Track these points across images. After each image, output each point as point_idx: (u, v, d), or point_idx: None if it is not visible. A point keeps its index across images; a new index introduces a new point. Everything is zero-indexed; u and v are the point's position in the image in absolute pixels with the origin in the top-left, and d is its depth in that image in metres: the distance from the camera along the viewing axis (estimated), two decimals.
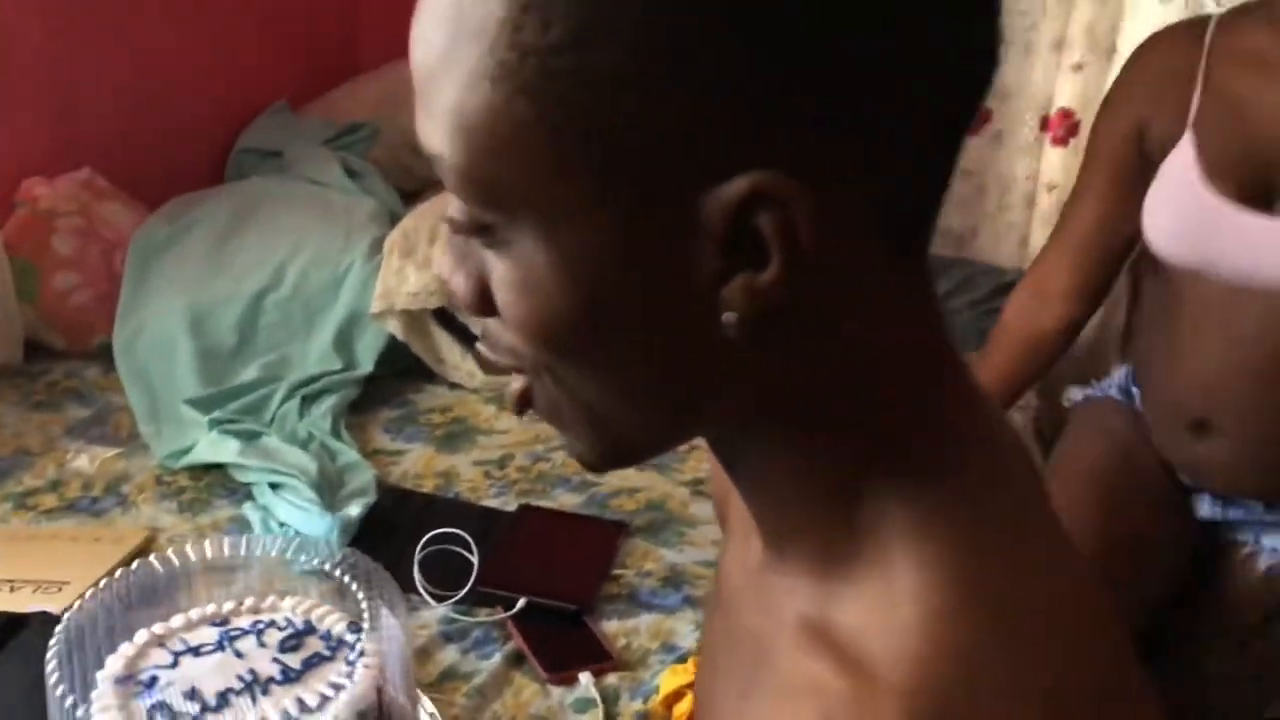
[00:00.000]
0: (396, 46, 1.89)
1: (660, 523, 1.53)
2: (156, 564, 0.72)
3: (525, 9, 0.36)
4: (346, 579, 0.69)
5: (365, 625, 0.65)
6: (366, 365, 1.82)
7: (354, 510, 1.44)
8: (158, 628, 0.68)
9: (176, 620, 0.68)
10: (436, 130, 0.40)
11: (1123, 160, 1.24)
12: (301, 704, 0.61)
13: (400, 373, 1.86)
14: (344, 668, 0.63)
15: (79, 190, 1.91)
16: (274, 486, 1.50)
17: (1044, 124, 2.32)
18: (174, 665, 0.64)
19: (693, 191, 0.38)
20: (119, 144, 2.06)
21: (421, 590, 1.32)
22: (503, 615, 1.31)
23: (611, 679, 1.23)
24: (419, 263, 1.81)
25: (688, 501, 1.57)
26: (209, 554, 0.73)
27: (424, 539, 1.35)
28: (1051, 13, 2.21)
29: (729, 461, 0.48)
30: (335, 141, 2.32)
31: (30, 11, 1.86)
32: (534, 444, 1.72)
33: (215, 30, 2.31)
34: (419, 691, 0.74)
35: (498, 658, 1.25)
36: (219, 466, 1.57)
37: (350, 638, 0.66)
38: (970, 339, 2.11)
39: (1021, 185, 2.40)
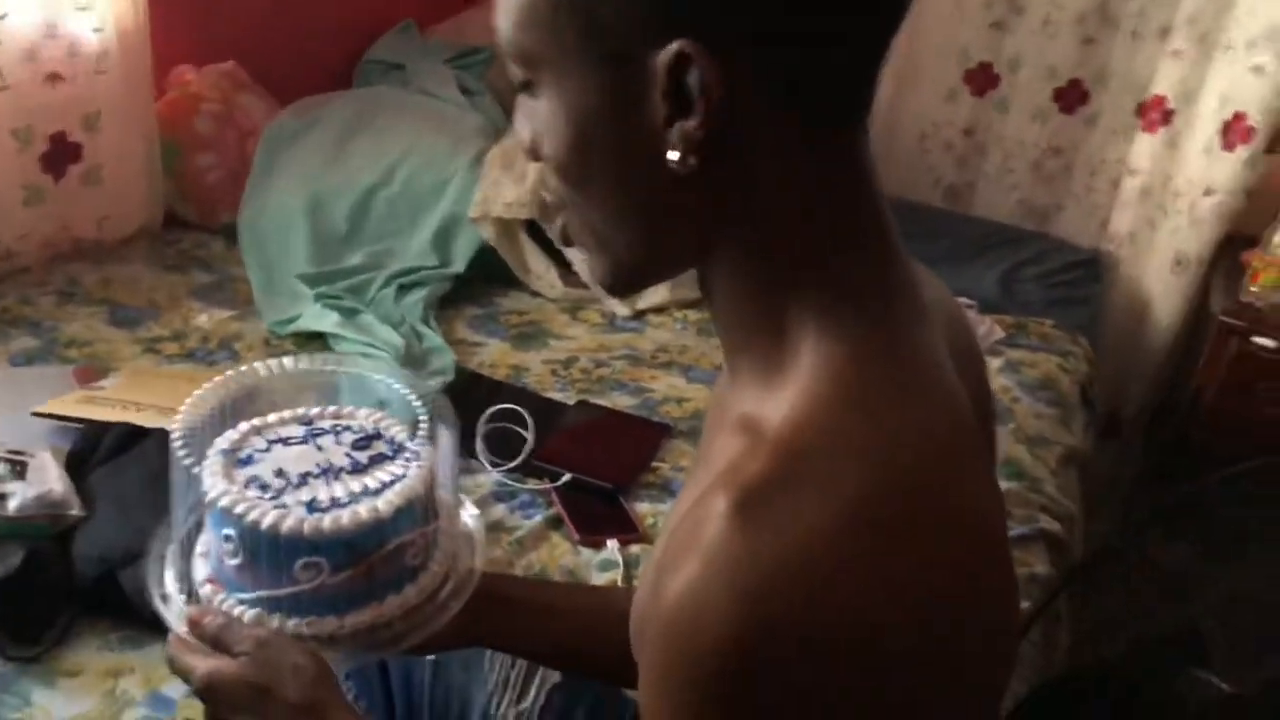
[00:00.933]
0: None
1: (700, 429, 1.66)
2: (260, 369, 0.81)
3: None
4: (413, 398, 0.79)
5: (423, 435, 0.76)
6: (459, 265, 1.99)
7: (432, 383, 1.61)
8: (257, 421, 0.79)
9: (272, 416, 0.80)
10: (500, 12, 0.57)
11: None
12: (365, 488, 0.72)
13: (488, 275, 2.02)
14: (401, 465, 0.75)
15: (222, 79, 2.11)
16: (365, 357, 1.67)
17: (1139, 110, 2.34)
18: (267, 450, 0.76)
19: (644, 55, 0.52)
20: (262, 42, 2.25)
21: (481, 456, 1.49)
22: (548, 485, 1.47)
23: (634, 549, 1.37)
24: (516, 176, 1.97)
25: None
26: (306, 365, 0.82)
27: (489, 412, 1.51)
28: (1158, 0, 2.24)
29: (707, 297, 0.61)
30: (455, 61, 2.48)
31: None
32: (598, 351, 1.87)
33: None
34: (463, 496, 0.87)
35: (539, 519, 1.41)
36: (319, 335, 1.76)
37: (410, 444, 0.76)
38: (1035, 307, 2.19)
39: (1111, 168, 2.44)
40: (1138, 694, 0.89)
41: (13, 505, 1.21)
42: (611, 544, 1.37)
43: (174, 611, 0.74)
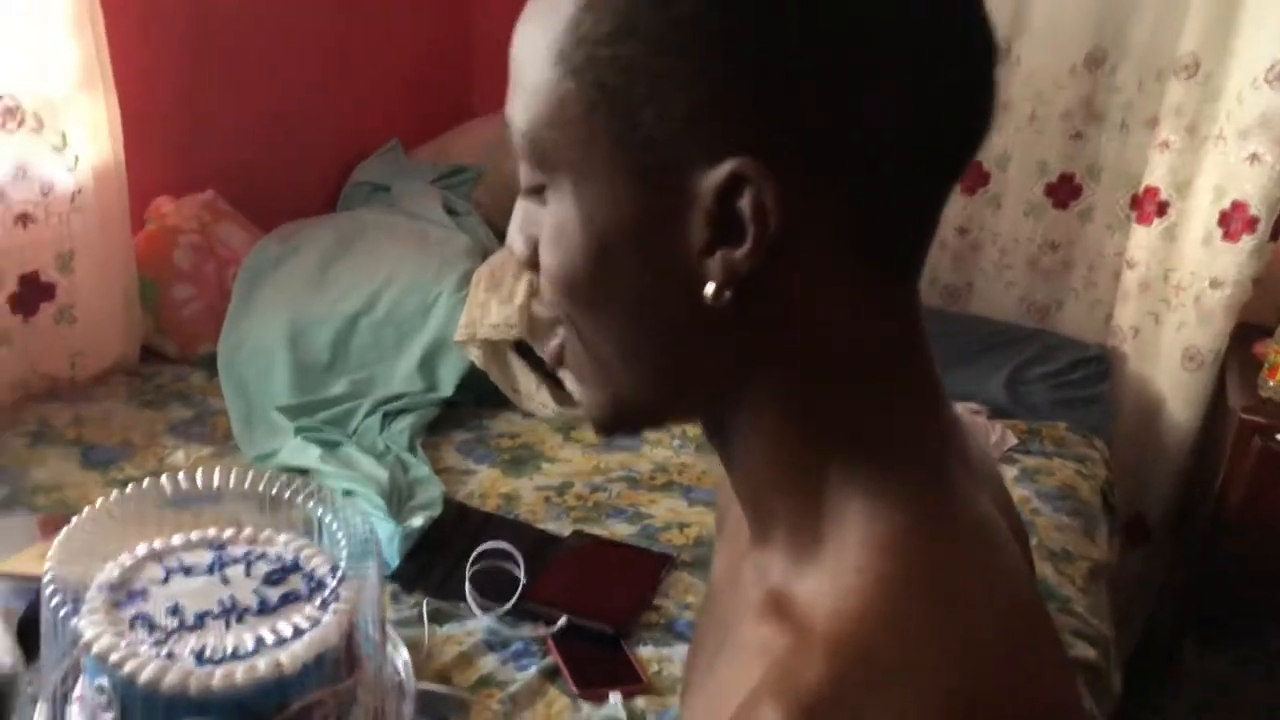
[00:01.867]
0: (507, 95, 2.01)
1: (706, 559, 1.57)
2: (166, 484, 0.73)
3: (586, 7, 0.45)
4: (334, 526, 0.71)
5: (344, 571, 0.68)
6: (447, 389, 1.92)
7: (417, 521, 1.53)
8: (158, 543, 0.71)
9: (177, 539, 0.71)
10: (516, 104, 0.49)
11: None
12: (269, 637, 0.64)
13: (477, 398, 1.95)
14: (314, 613, 0.66)
15: (201, 210, 2.07)
16: (348, 493, 1.59)
17: (1133, 202, 2.31)
18: (165, 581, 0.68)
19: (689, 170, 0.45)
20: (242, 170, 2.22)
21: (470, 600, 1.39)
22: (544, 631, 1.37)
23: (640, 701, 1.27)
24: (503, 297, 1.91)
25: None
26: (222, 482, 0.75)
27: (477, 551, 1.43)
28: (1147, 90, 2.22)
29: (721, 445, 0.54)
30: (441, 181, 2.46)
31: (171, 48, 2.04)
32: (593, 474, 1.79)
33: (338, 72, 2.49)
34: (392, 633, 0.78)
35: (534, 670, 1.30)
36: (301, 471, 1.68)
37: (330, 581, 0.68)
38: (1043, 409, 2.12)
39: (1110, 261, 2.40)
40: None
41: None
42: (615, 697, 1.26)
43: None
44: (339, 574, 0.66)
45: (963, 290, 2.57)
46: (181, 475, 0.73)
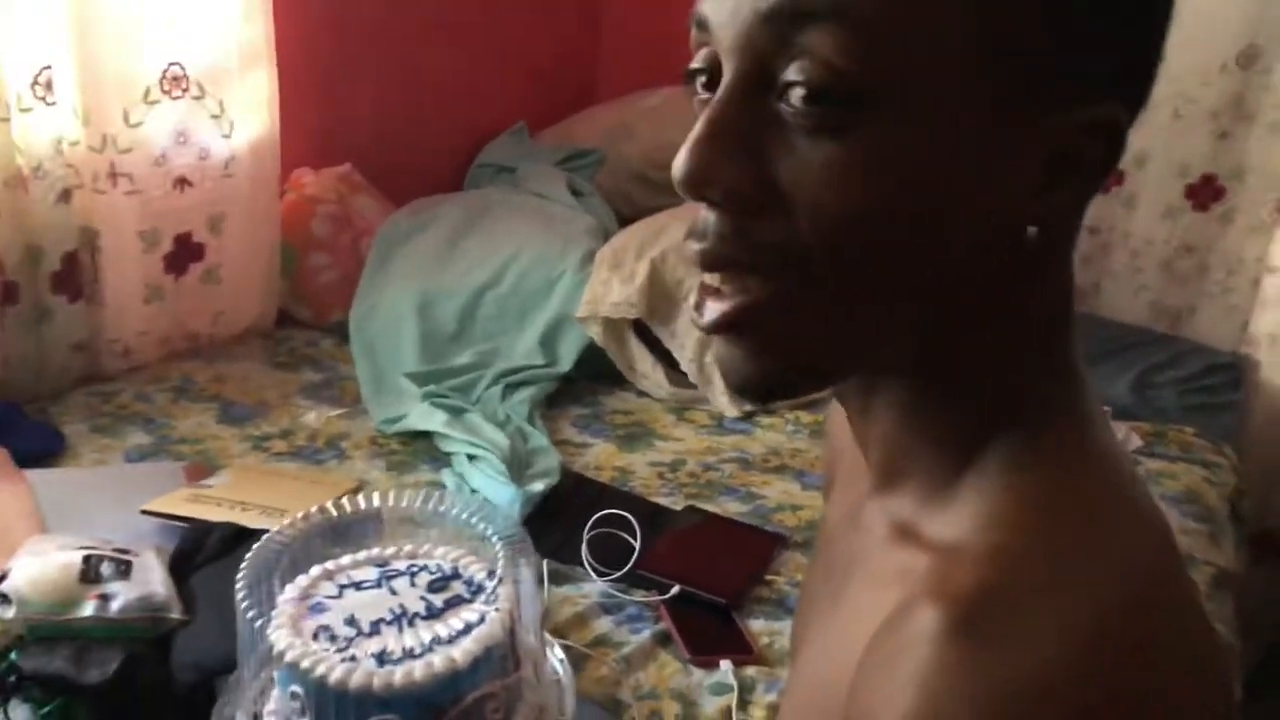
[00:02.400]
0: (631, 80, 2.08)
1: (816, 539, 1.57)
2: (336, 510, 0.78)
3: None
4: (492, 536, 0.75)
5: (500, 575, 0.72)
6: (566, 364, 1.96)
7: (538, 486, 1.57)
8: (330, 564, 0.75)
9: (345, 559, 0.76)
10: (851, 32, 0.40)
11: None
12: (439, 636, 0.68)
13: (594, 375, 1.99)
14: (479, 609, 0.70)
15: (338, 182, 2.15)
16: (471, 458, 1.64)
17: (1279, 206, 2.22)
18: (339, 596, 0.72)
19: (1054, 106, 0.42)
20: (377, 146, 2.30)
21: (586, 564, 1.42)
22: (657, 598, 1.39)
23: (750, 671, 1.28)
24: (624, 276, 1.94)
25: None
26: (389, 503, 0.79)
27: (594, 518, 1.46)
28: None
29: (864, 400, 0.52)
30: (565, 163, 2.50)
31: (319, 30, 2.12)
32: (706, 454, 1.81)
33: (468, 56, 2.56)
34: (550, 637, 0.81)
35: (647, 634, 1.33)
36: (426, 435, 1.74)
37: (489, 584, 0.72)
38: (1171, 414, 2.05)
39: (1250, 267, 2.30)
40: None
41: (115, 606, 1.19)
42: (725, 665, 1.28)
43: None
44: (496, 576, 0.71)
45: (1090, 291, 2.50)
46: (345, 500, 0.78)
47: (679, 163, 0.45)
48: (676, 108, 2.67)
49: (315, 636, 0.68)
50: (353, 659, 0.65)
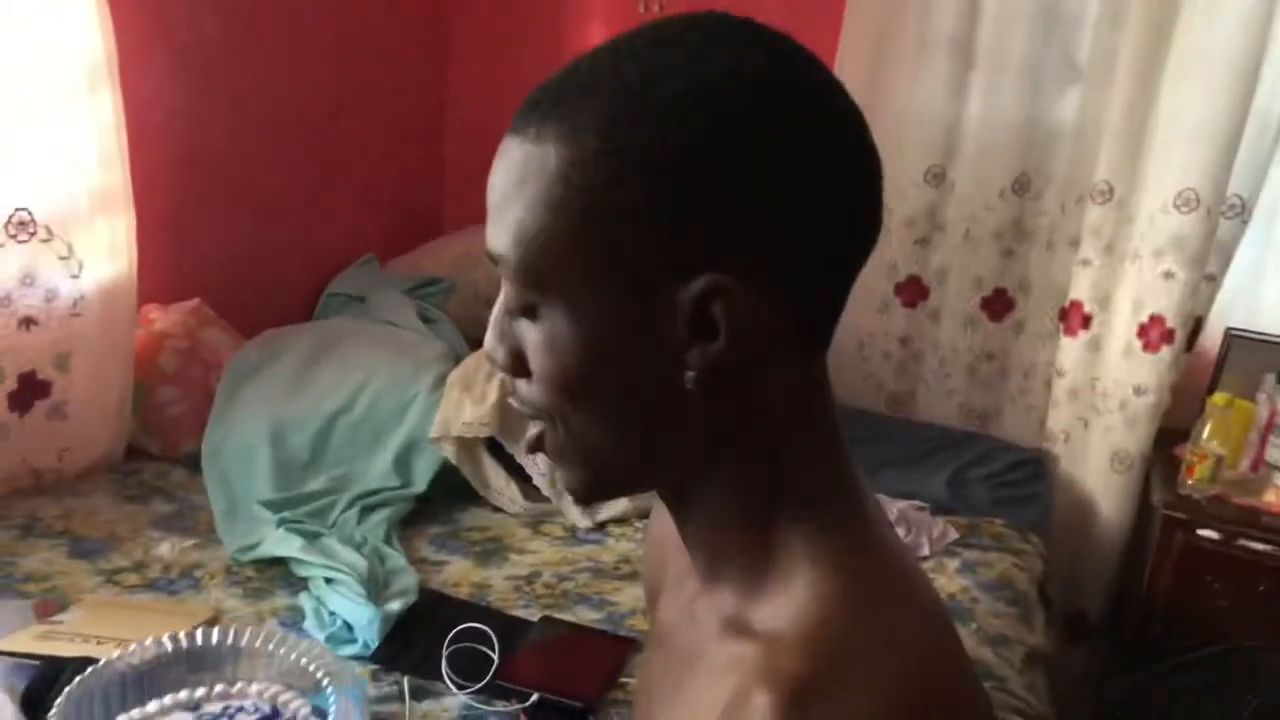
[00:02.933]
0: (477, 213, 2.21)
1: None
2: (139, 652, 0.76)
3: (573, 164, 0.55)
4: (313, 668, 0.74)
5: (331, 712, 0.70)
6: (421, 485, 2.02)
7: (395, 605, 1.61)
8: (136, 713, 0.72)
9: (152, 706, 0.73)
10: (502, 237, 0.59)
11: None
12: None
13: (450, 494, 2.05)
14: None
15: (187, 316, 2.18)
16: (328, 580, 1.67)
17: (1060, 314, 2.49)
18: None
19: (669, 286, 0.56)
20: (226, 280, 2.35)
21: (446, 679, 1.47)
22: (517, 707, 1.45)
23: None
24: (476, 397, 2.03)
25: None
26: (198, 642, 0.78)
27: (453, 633, 1.51)
28: (1069, 212, 2.43)
29: (679, 507, 0.65)
30: (414, 291, 2.59)
31: (161, 165, 2.18)
32: (560, 565, 1.89)
33: (317, 192, 2.65)
34: None
35: None
36: (281, 561, 1.76)
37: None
38: (983, 507, 2.25)
39: (1042, 369, 2.57)
40: None
41: None
42: None
43: None
44: (323, 714, 0.69)
45: (906, 398, 2.72)
46: (167, 638, 0.78)
47: (485, 343, 0.65)
48: None
49: None
50: None
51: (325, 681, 0.71)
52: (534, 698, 1.46)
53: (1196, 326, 2.37)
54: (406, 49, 2.91)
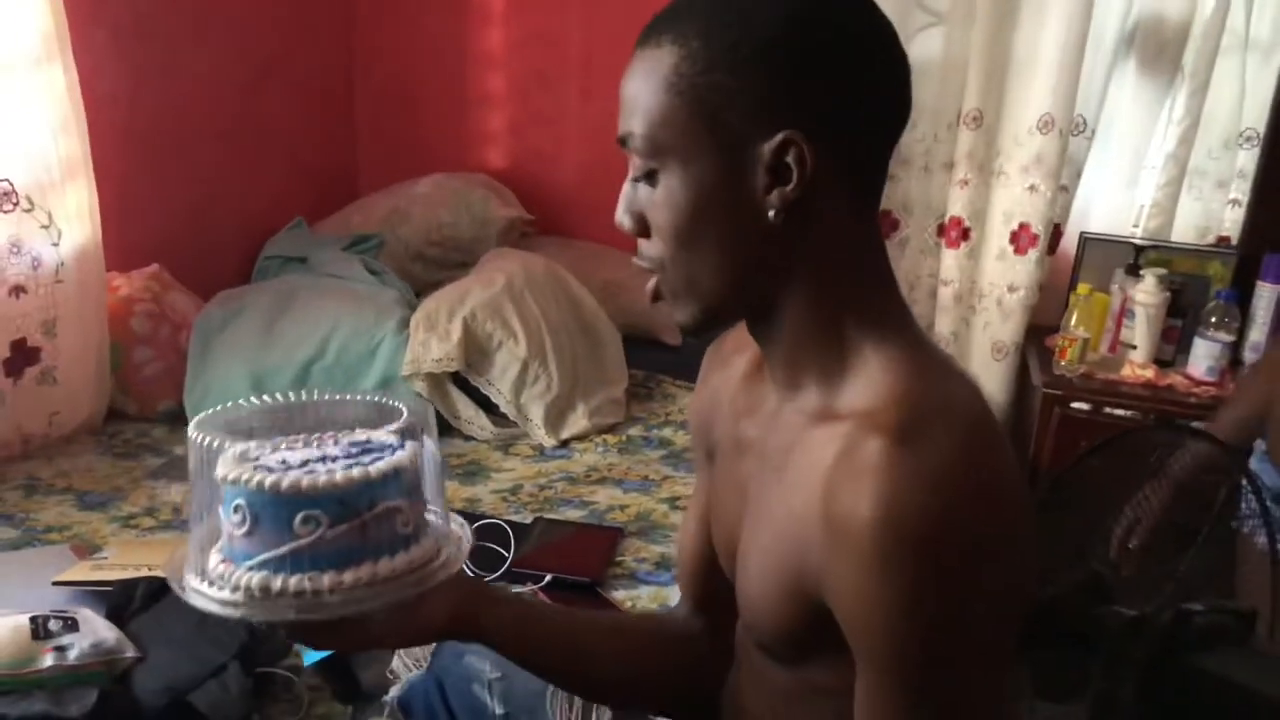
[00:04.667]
0: (390, 173, 2.46)
1: (647, 528, 1.90)
2: (259, 407, 0.89)
3: (683, 58, 0.75)
4: (400, 407, 0.88)
5: (408, 425, 0.85)
6: None
7: None
8: (255, 441, 0.84)
9: (275, 440, 0.85)
10: (633, 118, 0.77)
11: None
12: (359, 461, 0.80)
13: None
14: (391, 450, 0.83)
15: (150, 281, 2.28)
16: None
17: (940, 230, 2.81)
18: (271, 451, 0.83)
19: (754, 143, 0.74)
20: (175, 248, 2.44)
21: (467, 568, 1.67)
22: (533, 587, 1.66)
23: None
24: (440, 335, 2.21)
25: (667, 513, 1.95)
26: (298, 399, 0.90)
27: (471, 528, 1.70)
28: (941, 139, 2.73)
29: (765, 329, 0.83)
30: (350, 249, 2.72)
31: (109, 138, 2.25)
32: (537, 477, 2.10)
33: (247, 157, 2.74)
34: (454, 516, 0.91)
35: None
36: None
37: (397, 444, 0.84)
38: None
39: (925, 282, 2.88)
40: (1068, 624, 1.17)
41: (72, 655, 1.32)
42: None
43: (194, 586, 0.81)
44: (404, 421, 0.86)
45: None
46: (279, 395, 0.90)
47: (616, 215, 0.83)
48: (442, 191, 2.97)
49: (253, 468, 0.79)
50: (285, 471, 0.78)
51: (406, 416, 0.85)
52: (547, 578, 1.67)
53: (1057, 232, 2.72)
54: (315, 17, 3.00)
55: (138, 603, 1.46)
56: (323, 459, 0.81)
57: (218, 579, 0.79)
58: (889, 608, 0.70)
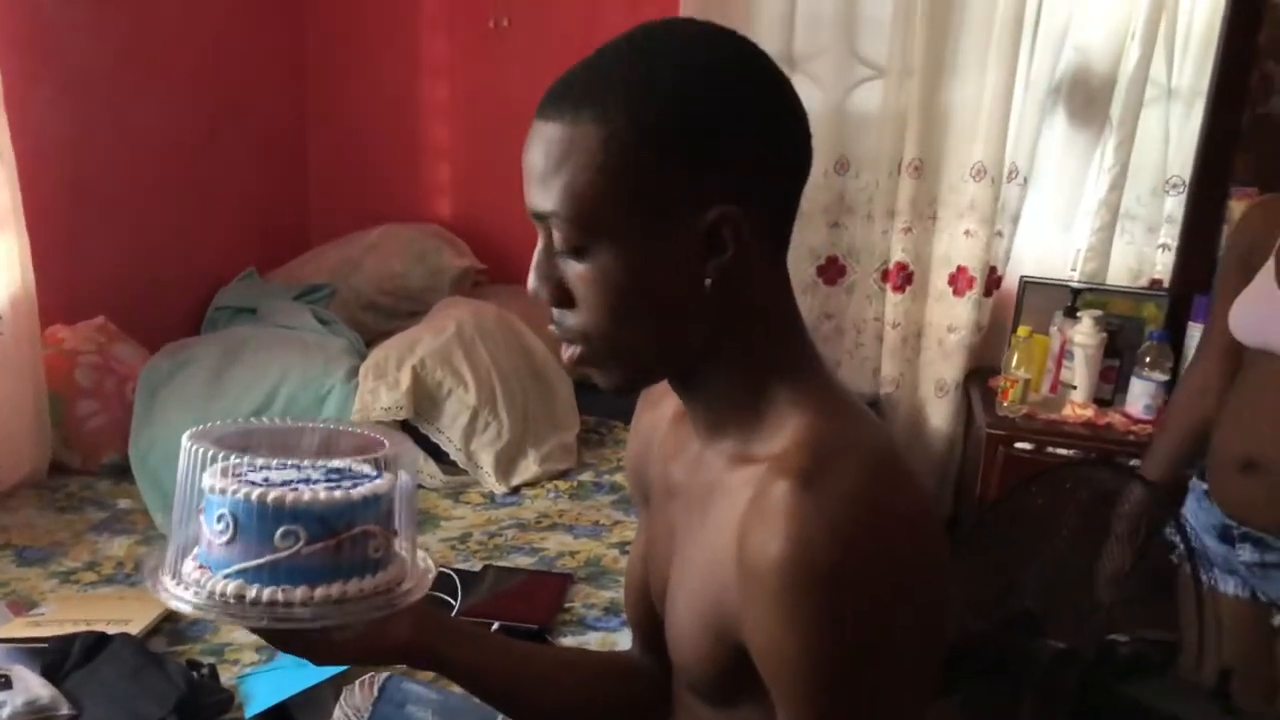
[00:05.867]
0: (340, 224, 2.49)
1: (597, 574, 1.91)
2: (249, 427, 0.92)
3: (609, 137, 0.74)
4: (384, 442, 0.91)
5: (387, 457, 0.88)
6: None
7: None
8: (238, 458, 0.86)
9: (260, 460, 0.87)
10: (549, 198, 0.76)
11: (1235, 285, 1.65)
12: (339, 485, 0.83)
13: None
14: (367, 480, 0.86)
15: (95, 333, 2.27)
16: None
17: (884, 275, 2.87)
18: (255, 469, 0.85)
19: (689, 218, 0.75)
20: (120, 299, 2.43)
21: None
22: None
23: None
24: (390, 384, 2.22)
25: (617, 558, 1.96)
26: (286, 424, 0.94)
27: None
28: (883, 187, 2.80)
29: (687, 385, 0.86)
30: (300, 299, 2.73)
31: (53, 189, 2.26)
32: (487, 525, 2.10)
33: (196, 209, 2.75)
34: (421, 549, 0.93)
35: None
36: None
37: (375, 474, 0.88)
38: None
39: (871, 325, 2.94)
40: (1000, 657, 1.20)
41: (4, 714, 1.30)
42: None
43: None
44: (384, 454, 0.89)
45: None
46: (266, 419, 0.94)
47: (528, 285, 0.83)
48: (394, 241, 2.99)
49: (238, 480, 0.83)
50: (268, 486, 0.82)
51: (386, 447, 0.88)
52: (495, 626, 1.67)
53: (994, 275, 2.79)
54: (266, 72, 3.03)
55: (74, 659, 1.44)
56: (303, 480, 0.84)
57: (193, 584, 0.82)
58: (797, 646, 0.71)
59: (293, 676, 1.43)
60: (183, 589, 0.82)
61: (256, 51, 2.97)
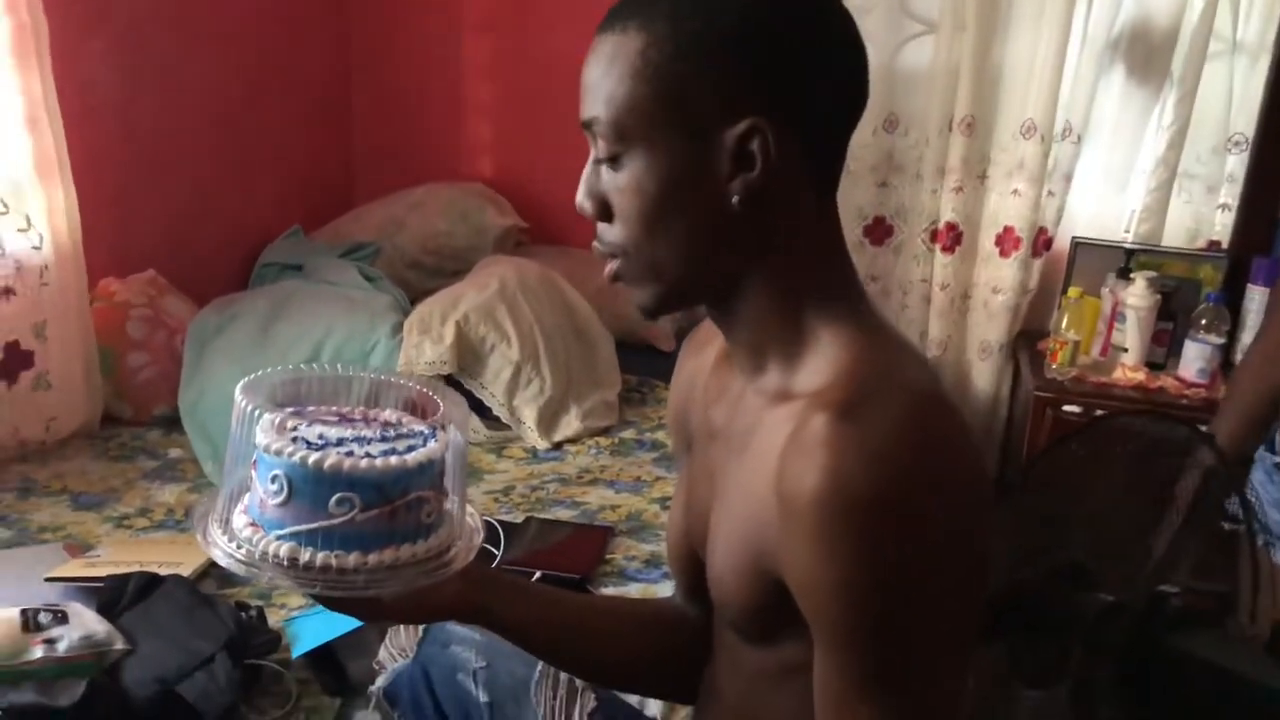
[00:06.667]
0: (384, 184, 2.48)
1: (638, 527, 1.91)
2: (300, 375, 0.91)
3: (650, 44, 0.75)
4: (439, 404, 0.90)
5: (442, 420, 0.87)
6: None
7: None
8: (293, 409, 0.87)
9: (309, 408, 0.89)
10: (596, 105, 0.78)
11: None
12: (394, 449, 0.82)
13: None
14: (422, 438, 0.86)
15: (146, 286, 2.30)
16: None
17: (933, 236, 2.83)
18: (309, 425, 0.85)
19: (719, 129, 0.75)
20: (172, 253, 2.46)
21: None
22: None
23: None
24: (434, 339, 2.23)
25: (658, 512, 1.96)
26: (344, 371, 0.93)
27: None
28: (933, 145, 2.75)
29: (726, 314, 0.85)
30: (346, 256, 2.74)
31: (102, 143, 2.28)
32: (529, 479, 2.10)
33: (243, 166, 2.77)
34: (471, 510, 0.92)
35: None
36: None
37: (429, 433, 0.87)
38: None
39: (918, 287, 2.90)
40: (1047, 609, 1.18)
41: (62, 647, 1.33)
42: None
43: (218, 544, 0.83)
44: (439, 414, 0.89)
45: None
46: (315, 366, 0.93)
47: (576, 199, 0.83)
48: (437, 200, 2.99)
49: (294, 441, 0.82)
50: (324, 449, 0.81)
51: (442, 404, 0.88)
52: (536, 575, 1.68)
53: (1044, 236, 2.73)
54: (312, 30, 3.04)
55: (129, 597, 1.47)
56: (358, 439, 0.83)
57: (244, 540, 0.82)
58: (836, 580, 0.71)
59: (338, 619, 1.45)
60: (234, 546, 0.82)
61: (302, 10, 2.98)
